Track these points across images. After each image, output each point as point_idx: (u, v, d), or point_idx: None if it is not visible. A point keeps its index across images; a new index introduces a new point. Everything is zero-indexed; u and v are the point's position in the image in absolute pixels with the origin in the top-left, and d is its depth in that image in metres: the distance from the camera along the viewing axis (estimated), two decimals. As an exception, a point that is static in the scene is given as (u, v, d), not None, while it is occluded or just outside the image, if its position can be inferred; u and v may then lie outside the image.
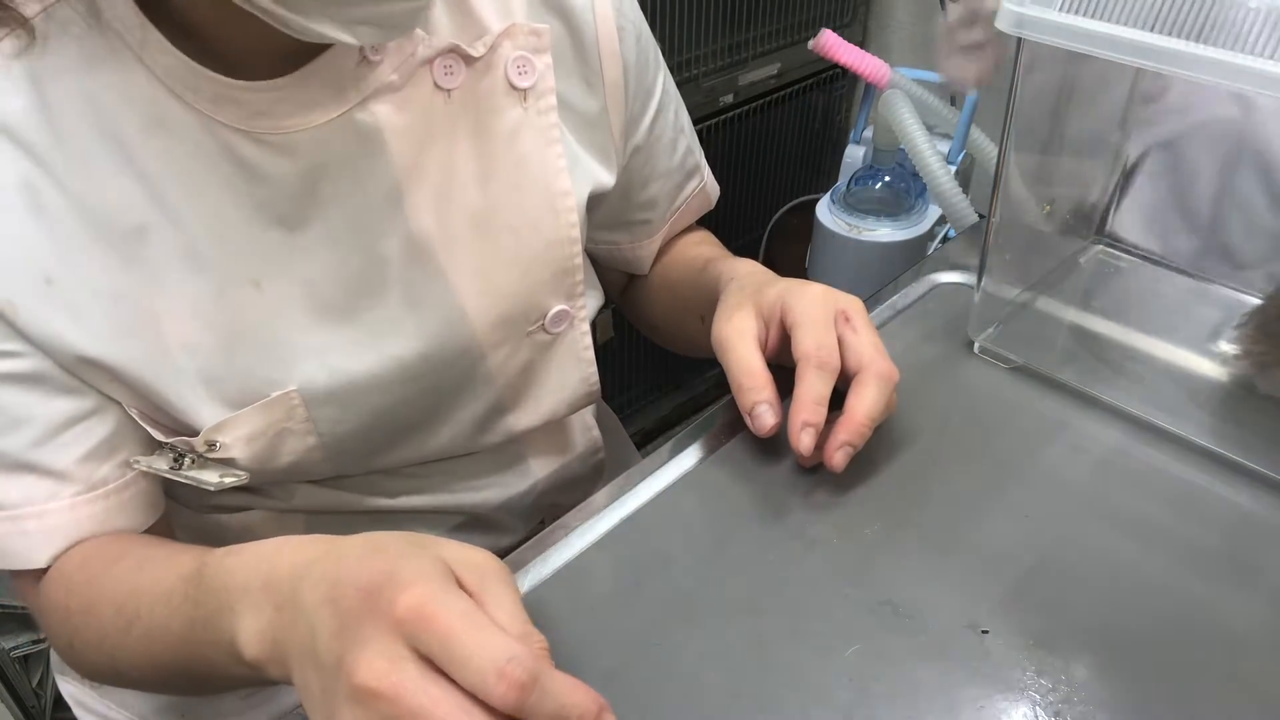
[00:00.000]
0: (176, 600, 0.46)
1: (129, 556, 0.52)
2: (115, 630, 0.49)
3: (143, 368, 0.50)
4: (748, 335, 0.56)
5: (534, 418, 0.66)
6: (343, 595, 0.38)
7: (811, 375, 0.53)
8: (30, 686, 1.17)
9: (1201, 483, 0.56)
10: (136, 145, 0.48)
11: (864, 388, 0.53)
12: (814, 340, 0.54)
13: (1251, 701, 0.44)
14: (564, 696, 0.36)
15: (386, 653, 0.36)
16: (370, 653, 0.36)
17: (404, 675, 0.36)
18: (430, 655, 0.36)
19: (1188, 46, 0.47)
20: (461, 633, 0.36)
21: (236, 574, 0.43)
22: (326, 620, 0.38)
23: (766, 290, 0.57)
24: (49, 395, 0.50)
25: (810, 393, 0.52)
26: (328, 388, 0.54)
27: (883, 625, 0.48)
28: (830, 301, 0.56)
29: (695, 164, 0.73)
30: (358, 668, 0.36)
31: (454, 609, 0.36)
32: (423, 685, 0.36)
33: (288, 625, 0.40)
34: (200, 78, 0.48)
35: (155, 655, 0.48)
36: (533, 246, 0.59)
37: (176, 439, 0.53)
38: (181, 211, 0.49)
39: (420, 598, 0.36)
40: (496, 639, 0.36)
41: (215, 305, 0.51)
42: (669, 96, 0.68)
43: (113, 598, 0.50)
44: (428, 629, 0.36)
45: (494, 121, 0.56)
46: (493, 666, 0.35)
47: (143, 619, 0.48)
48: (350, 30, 0.44)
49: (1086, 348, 0.67)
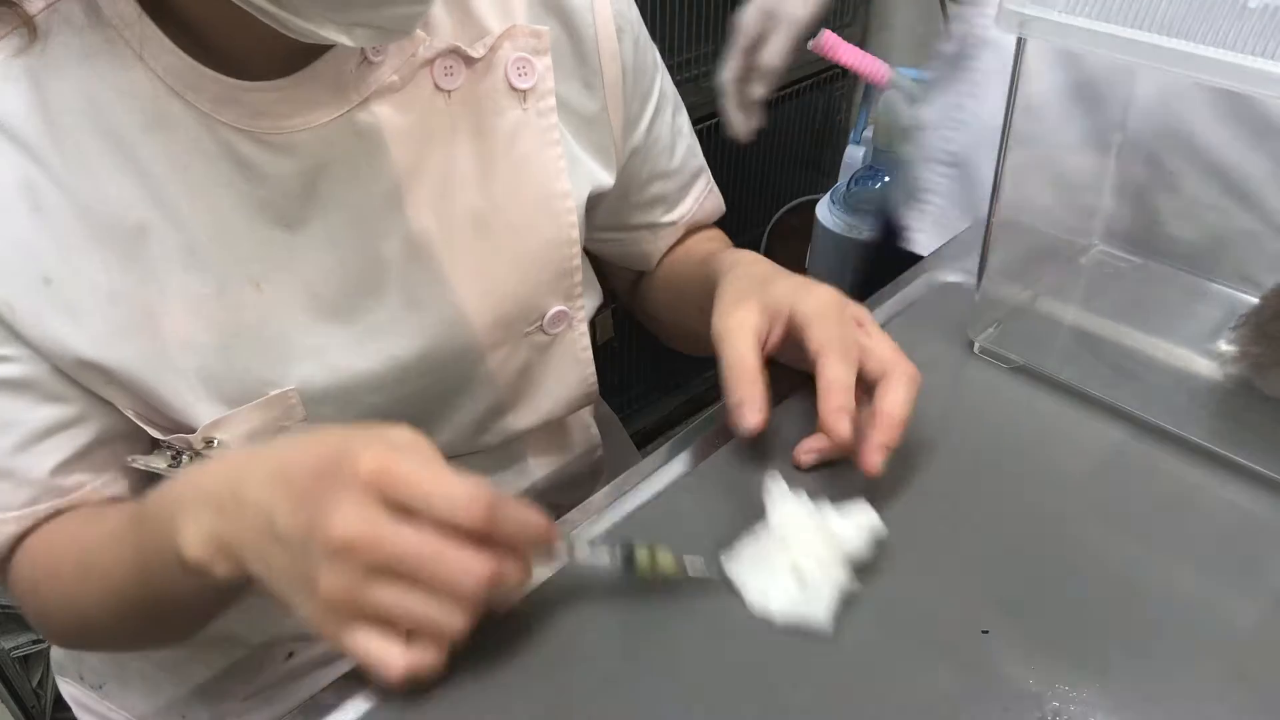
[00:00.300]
0: (123, 534, 0.49)
1: (81, 516, 0.53)
2: (76, 583, 0.51)
3: (141, 367, 0.50)
4: (748, 330, 0.54)
5: (532, 418, 0.66)
6: (295, 478, 0.41)
7: (836, 362, 0.51)
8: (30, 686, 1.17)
9: (1201, 483, 0.55)
10: (137, 144, 0.48)
11: (894, 386, 0.51)
12: (831, 332, 0.52)
13: (1252, 701, 0.44)
14: (520, 513, 0.42)
15: (358, 507, 0.39)
16: (342, 511, 0.39)
17: (378, 523, 0.39)
18: (400, 502, 0.40)
19: (1188, 46, 0.47)
20: (427, 477, 0.40)
21: (171, 494, 0.46)
22: (281, 502, 0.41)
23: (773, 286, 0.56)
24: (35, 403, 0.50)
25: (839, 379, 0.50)
26: (326, 387, 0.54)
27: (883, 625, 0.48)
28: (842, 303, 0.54)
29: (700, 165, 0.73)
30: (333, 526, 0.39)
31: (413, 461, 0.40)
32: (396, 528, 0.39)
33: (232, 521, 0.42)
34: (201, 77, 0.48)
35: (114, 595, 0.50)
36: (531, 247, 0.59)
37: (174, 437, 0.53)
38: (181, 211, 0.49)
39: (380, 457, 0.40)
40: (456, 477, 0.41)
41: (214, 304, 0.51)
42: (667, 99, 0.68)
43: (71, 555, 0.52)
44: (394, 480, 0.40)
45: (494, 122, 0.56)
46: (461, 496, 0.40)
47: (98, 563, 0.50)
48: (348, 32, 0.44)
49: (1086, 348, 0.67)
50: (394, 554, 0.39)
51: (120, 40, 0.47)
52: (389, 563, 0.40)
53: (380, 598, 0.40)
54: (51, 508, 0.53)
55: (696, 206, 0.73)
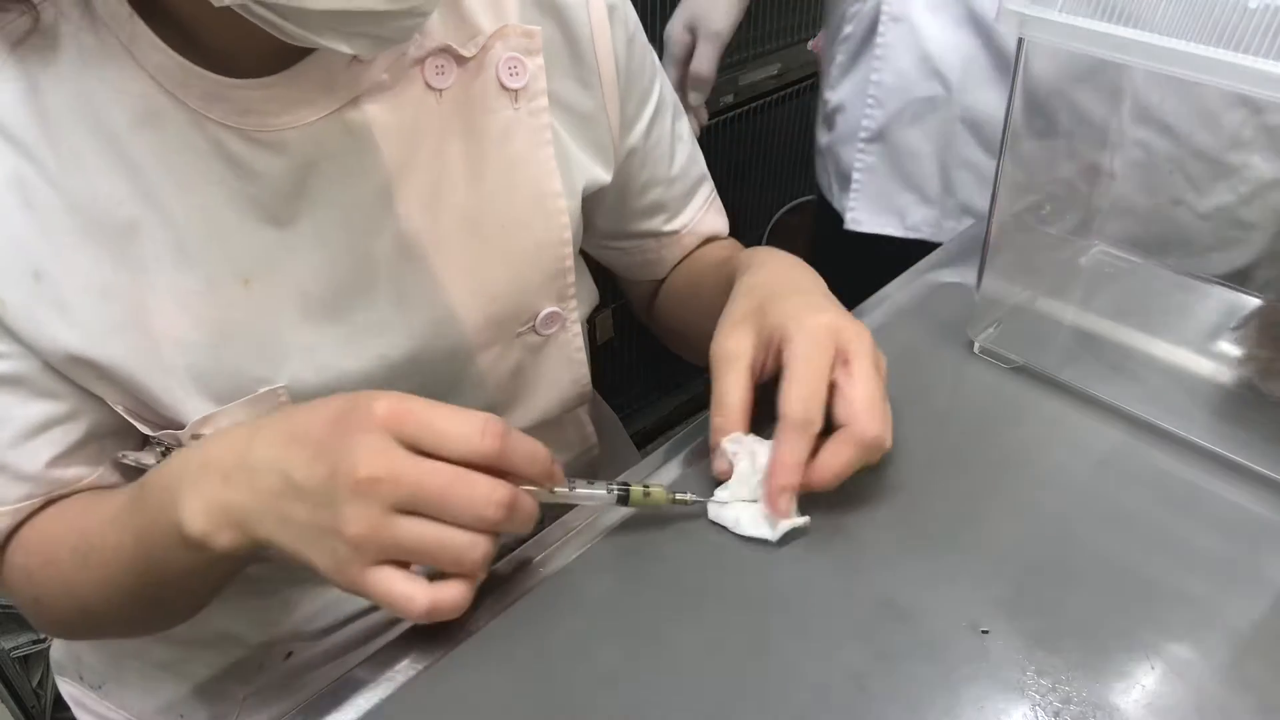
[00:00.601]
0: (124, 517, 0.50)
1: (77, 504, 0.54)
2: (74, 569, 0.52)
3: (131, 364, 0.50)
4: (740, 362, 0.53)
5: (526, 419, 0.66)
6: (309, 433, 0.43)
7: (790, 436, 0.50)
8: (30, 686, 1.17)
9: (1201, 483, 0.55)
10: (127, 141, 0.48)
11: (843, 447, 0.50)
12: (798, 394, 0.50)
13: (1253, 702, 0.44)
14: (529, 444, 0.45)
15: (377, 445, 0.42)
16: (362, 450, 0.41)
17: (398, 458, 0.42)
18: (415, 441, 0.42)
19: (1188, 46, 0.47)
20: (439, 413, 0.43)
21: (172, 470, 0.47)
22: (299, 455, 0.43)
23: (771, 310, 0.53)
24: (27, 399, 0.51)
25: (788, 456, 0.50)
26: (316, 386, 0.54)
27: (883, 625, 0.48)
28: (830, 341, 0.51)
29: (702, 174, 0.73)
30: (357, 465, 0.41)
31: (422, 403, 0.43)
32: (416, 462, 0.42)
33: (241, 486, 0.44)
34: (190, 74, 0.48)
35: (114, 579, 0.51)
36: (523, 247, 0.59)
37: (163, 433, 0.53)
38: (172, 208, 0.49)
39: (392, 401, 0.43)
40: (467, 412, 0.43)
41: (204, 302, 0.51)
42: (666, 104, 0.68)
43: (68, 542, 0.52)
44: (408, 419, 0.42)
45: (485, 122, 0.56)
46: (474, 427, 0.43)
47: (96, 547, 0.51)
48: (349, 41, 0.44)
49: (1086, 348, 0.67)
50: (416, 486, 0.42)
51: (111, 37, 0.47)
52: (412, 496, 0.42)
53: (405, 531, 0.42)
54: (46, 500, 0.53)
55: (700, 215, 0.73)
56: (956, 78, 0.84)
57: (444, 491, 0.42)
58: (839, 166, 0.97)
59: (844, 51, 0.92)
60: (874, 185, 0.93)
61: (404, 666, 0.47)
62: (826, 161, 0.99)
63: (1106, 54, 0.49)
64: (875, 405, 0.50)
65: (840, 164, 0.96)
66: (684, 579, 0.51)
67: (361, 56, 0.51)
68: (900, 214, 0.94)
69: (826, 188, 1.01)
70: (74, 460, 0.53)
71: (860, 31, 0.90)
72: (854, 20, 0.90)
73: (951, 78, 0.84)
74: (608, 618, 0.49)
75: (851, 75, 0.92)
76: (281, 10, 0.42)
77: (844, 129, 0.94)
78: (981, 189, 0.90)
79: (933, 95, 0.86)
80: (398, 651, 0.48)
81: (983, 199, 0.91)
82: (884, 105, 0.88)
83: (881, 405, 0.50)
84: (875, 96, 0.88)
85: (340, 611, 0.68)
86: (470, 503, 0.42)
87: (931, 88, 0.86)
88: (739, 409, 0.52)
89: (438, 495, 0.42)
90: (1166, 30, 0.48)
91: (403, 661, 0.48)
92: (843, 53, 0.92)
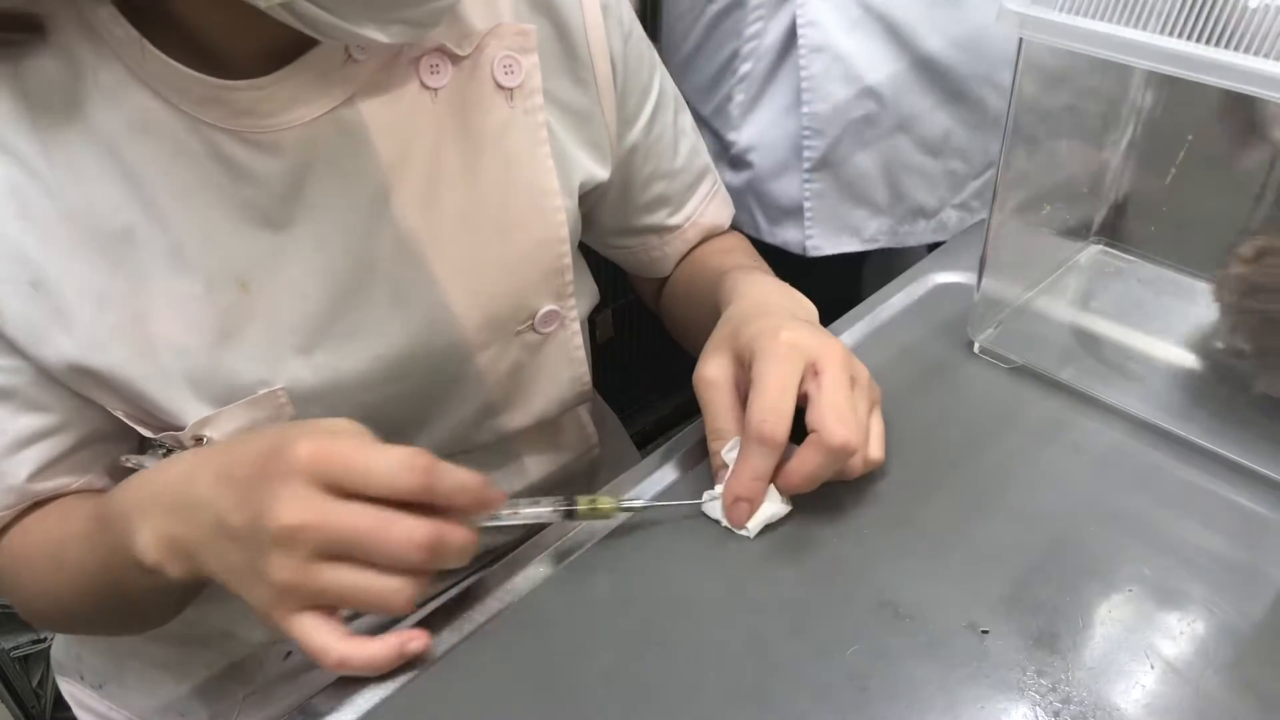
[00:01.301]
0: (89, 536, 0.50)
1: (57, 510, 0.54)
2: (50, 576, 0.53)
3: (130, 370, 0.50)
4: (720, 385, 0.54)
5: (525, 418, 0.66)
6: (236, 472, 0.42)
7: (752, 449, 0.50)
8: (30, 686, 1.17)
9: (1201, 483, 0.55)
10: (122, 147, 0.48)
11: (812, 452, 0.50)
12: (761, 409, 0.50)
13: (1252, 701, 0.44)
14: (458, 476, 0.43)
15: (299, 493, 0.41)
16: (284, 497, 0.41)
17: (318, 505, 0.41)
18: (339, 483, 0.41)
19: (1188, 46, 0.47)
20: (362, 453, 0.42)
21: (128, 497, 0.47)
22: (228, 497, 0.42)
23: (741, 333, 0.54)
24: (15, 411, 0.51)
25: (748, 469, 0.50)
26: (314, 386, 0.54)
27: (883, 625, 0.48)
28: (798, 354, 0.51)
29: (705, 164, 0.73)
30: (278, 513, 0.40)
31: (347, 443, 0.42)
32: (336, 507, 0.41)
33: (186, 522, 0.44)
34: (185, 79, 0.48)
35: (86, 590, 0.52)
36: (521, 246, 0.59)
37: (164, 435, 0.53)
38: (168, 212, 0.49)
39: (315, 444, 0.42)
40: (392, 449, 0.42)
41: (202, 306, 0.51)
42: (667, 97, 0.68)
43: (45, 549, 0.53)
44: (331, 462, 0.41)
45: (481, 120, 0.56)
46: (399, 464, 0.41)
47: (68, 561, 0.52)
48: (385, 30, 0.45)
49: (1086, 348, 0.67)
50: (338, 532, 0.41)
51: (103, 44, 0.47)
52: (334, 542, 0.41)
53: (328, 579, 0.42)
54: (27, 506, 0.54)
55: (702, 208, 0.73)
56: (889, 91, 0.86)
57: (363, 536, 0.41)
58: (767, 201, 0.96)
59: (744, 90, 0.91)
60: (826, 209, 0.93)
61: (403, 666, 0.47)
62: (746, 201, 0.98)
63: (1107, 54, 0.49)
64: (842, 412, 0.50)
65: (769, 199, 0.96)
66: (683, 579, 0.51)
67: (351, 49, 0.51)
68: (856, 230, 0.95)
69: (749, 224, 0.99)
70: (60, 470, 0.54)
71: (762, 68, 0.89)
72: (750, 58, 0.90)
73: (884, 92, 0.86)
74: (608, 618, 0.49)
75: (757, 112, 0.92)
76: (327, 4, 0.42)
77: (766, 166, 0.94)
78: (929, 189, 0.92)
79: (868, 113, 0.87)
80: (398, 651, 0.48)
81: (932, 198, 0.93)
82: (823, 134, 0.89)
83: (850, 412, 0.50)
84: (811, 128, 0.88)
85: (340, 612, 0.68)
86: (390, 546, 0.41)
87: (866, 106, 0.87)
88: (731, 431, 0.53)
89: (358, 540, 0.41)
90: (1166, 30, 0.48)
91: (403, 661, 0.48)
92: (742, 92, 0.92)
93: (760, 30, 0.88)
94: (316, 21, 0.43)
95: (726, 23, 0.90)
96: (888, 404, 0.56)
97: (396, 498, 0.42)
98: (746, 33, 0.89)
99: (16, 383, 0.50)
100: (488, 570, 0.52)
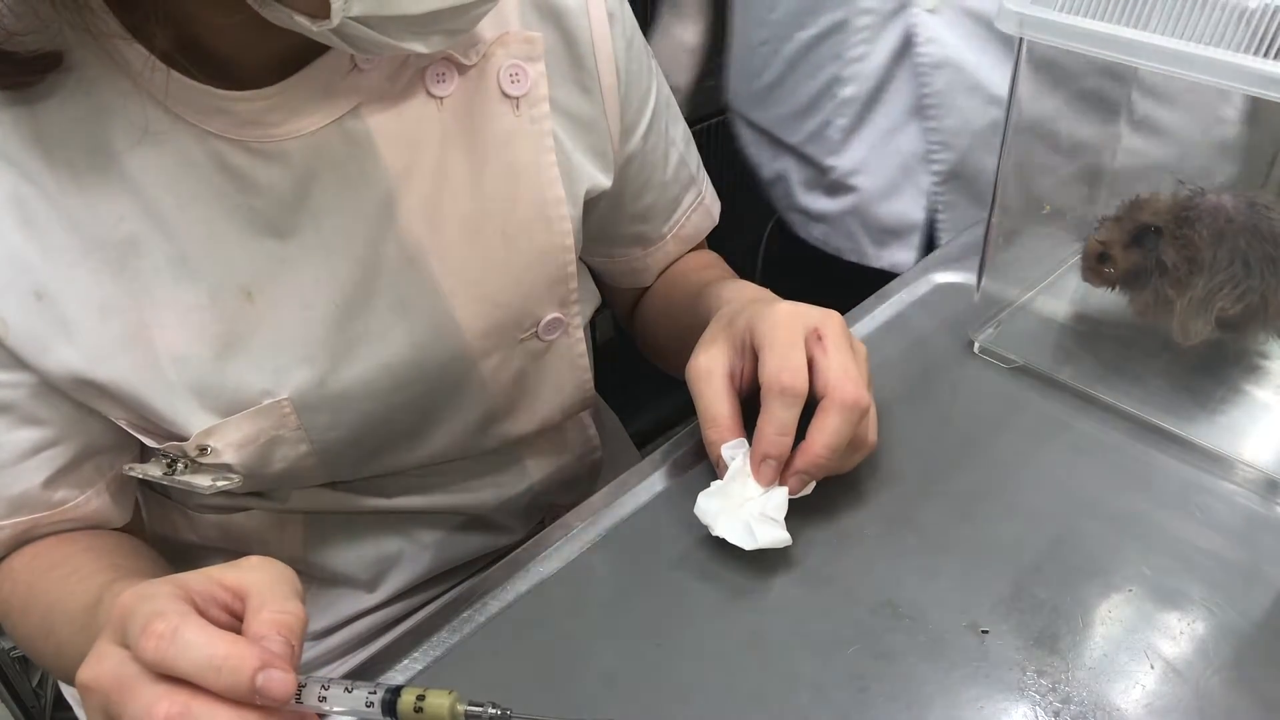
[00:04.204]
0: (79, 625, 0.49)
1: (64, 565, 0.53)
2: (39, 635, 0.53)
3: (134, 380, 0.50)
4: (716, 374, 0.53)
5: (528, 424, 0.66)
6: (105, 628, 0.39)
7: (774, 403, 0.50)
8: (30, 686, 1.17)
9: (1201, 482, 0.56)
10: (126, 158, 0.48)
11: (826, 416, 0.50)
12: (777, 363, 0.50)
13: (1253, 701, 0.44)
14: (210, 648, 0.37)
15: (98, 652, 0.38)
16: (91, 657, 0.38)
17: (102, 666, 0.38)
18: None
19: (1187, 46, 0.47)
20: (143, 619, 0.37)
21: (116, 608, 0.42)
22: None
23: (737, 320, 0.55)
24: (13, 425, 0.51)
25: (772, 423, 0.50)
26: (319, 395, 0.54)
27: (883, 625, 0.48)
28: (799, 319, 0.52)
29: (691, 175, 0.72)
30: (80, 670, 0.38)
31: (163, 615, 0.38)
32: (116, 667, 0.37)
33: None
34: (190, 90, 0.47)
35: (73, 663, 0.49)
36: (525, 254, 0.59)
37: (169, 444, 0.53)
38: (172, 222, 0.49)
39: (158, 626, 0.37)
40: (153, 615, 0.37)
41: (206, 315, 0.51)
42: (662, 107, 0.68)
43: (40, 605, 0.52)
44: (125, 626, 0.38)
45: (486, 129, 0.56)
46: (139, 628, 0.37)
47: (56, 634, 0.51)
48: (425, 40, 0.45)
49: (1086, 347, 0.67)
50: (105, 690, 0.38)
51: (108, 57, 0.47)
52: (103, 697, 0.38)
53: None
54: (32, 522, 0.54)
55: (684, 218, 0.73)
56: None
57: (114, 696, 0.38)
58: (874, 224, 0.96)
59: (845, 114, 0.92)
60: (960, 222, 0.92)
61: (403, 667, 0.47)
62: (847, 226, 0.98)
63: (1106, 54, 0.49)
64: (849, 370, 0.51)
65: (876, 222, 0.96)
66: (683, 579, 0.51)
67: (357, 59, 0.51)
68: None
69: (850, 250, 0.99)
70: (61, 483, 0.54)
71: (866, 90, 0.89)
72: (853, 81, 0.89)
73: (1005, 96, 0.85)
74: (608, 618, 0.49)
75: (861, 134, 0.92)
76: (372, 22, 0.42)
77: (873, 188, 0.94)
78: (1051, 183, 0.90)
79: (994, 119, 0.86)
80: (397, 652, 0.48)
81: (1053, 191, 0.91)
82: (951, 146, 0.88)
83: (857, 372, 0.51)
84: (939, 141, 0.88)
85: (339, 613, 0.68)
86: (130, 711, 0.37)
87: (990, 113, 0.86)
88: (728, 417, 0.53)
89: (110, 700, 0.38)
90: (1166, 30, 0.48)
91: (402, 662, 0.48)
92: (844, 116, 0.92)
93: (865, 53, 0.87)
94: (361, 40, 0.43)
95: (823, 48, 0.89)
96: (888, 404, 0.56)
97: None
98: (849, 55, 0.88)
99: (14, 397, 0.50)
100: (488, 570, 0.52)
